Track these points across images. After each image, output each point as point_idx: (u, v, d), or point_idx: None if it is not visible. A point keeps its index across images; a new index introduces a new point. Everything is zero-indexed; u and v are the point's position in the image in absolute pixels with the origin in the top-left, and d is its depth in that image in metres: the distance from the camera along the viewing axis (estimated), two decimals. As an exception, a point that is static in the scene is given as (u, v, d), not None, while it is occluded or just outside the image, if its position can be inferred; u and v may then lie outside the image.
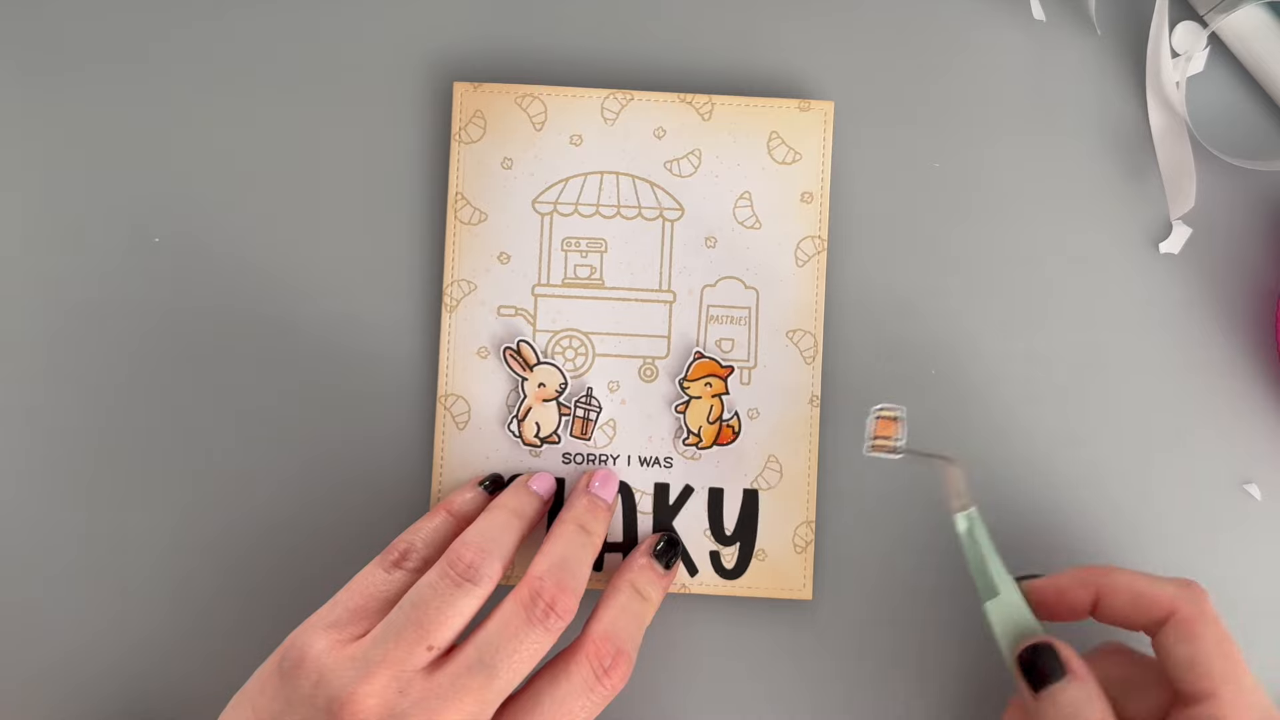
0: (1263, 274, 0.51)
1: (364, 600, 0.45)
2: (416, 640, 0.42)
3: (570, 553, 0.46)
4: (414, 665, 0.42)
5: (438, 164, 0.52)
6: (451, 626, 0.43)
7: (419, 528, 0.47)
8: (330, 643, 0.43)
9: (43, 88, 0.52)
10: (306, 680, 0.42)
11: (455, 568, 0.44)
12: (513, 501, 0.48)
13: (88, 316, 0.52)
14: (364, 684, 0.41)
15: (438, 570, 0.44)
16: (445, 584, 0.44)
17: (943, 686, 0.51)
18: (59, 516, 0.52)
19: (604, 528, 0.49)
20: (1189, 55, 0.50)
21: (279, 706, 0.42)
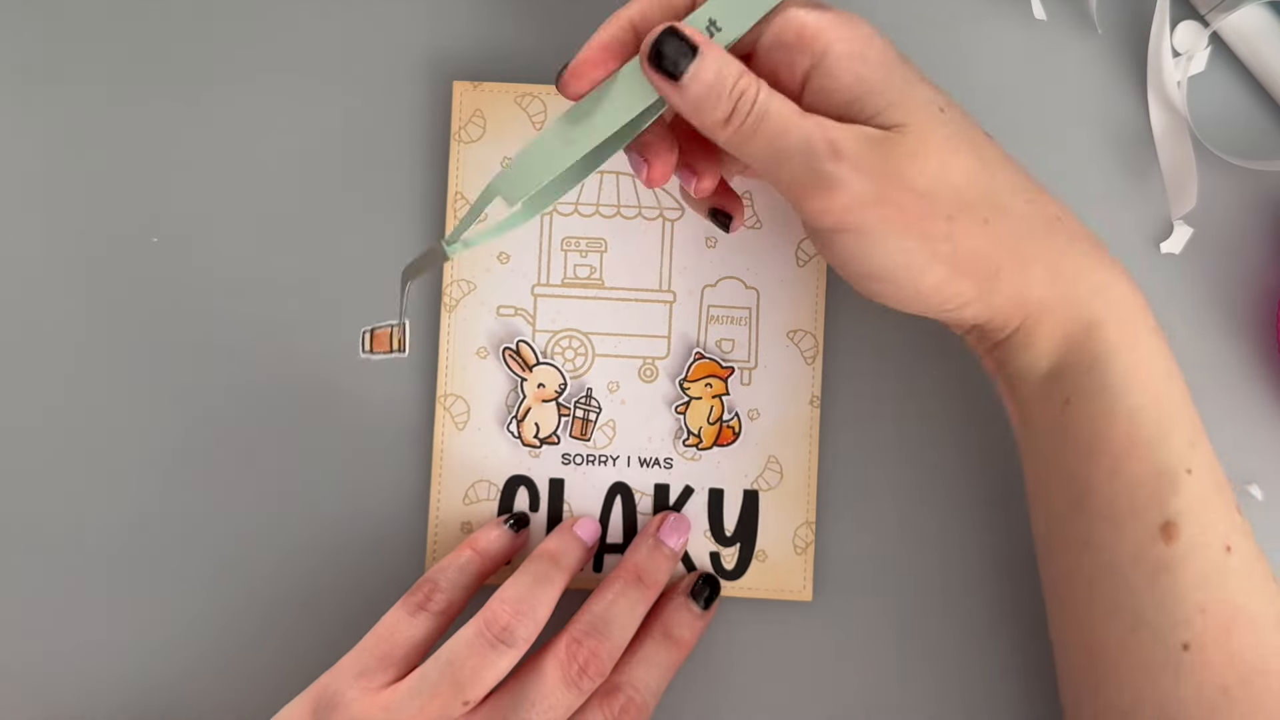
0: (1264, 274, 0.50)
1: (390, 647, 0.45)
2: (452, 697, 0.43)
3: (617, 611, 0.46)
4: (448, 716, 0.43)
5: (437, 163, 0.52)
6: (486, 684, 0.44)
7: (444, 566, 0.47)
8: (361, 690, 0.44)
9: (42, 88, 0.52)
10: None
11: (491, 629, 0.44)
12: (554, 547, 0.48)
13: (87, 316, 0.52)
14: None
15: (473, 628, 0.44)
16: (480, 643, 0.44)
17: (943, 687, 0.50)
18: (58, 517, 0.52)
19: (666, 577, 0.49)
20: (1190, 54, 0.50)
21: None
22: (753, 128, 0.40)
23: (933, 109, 0.41)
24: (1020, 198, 0.42)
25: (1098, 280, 0.42)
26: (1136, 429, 0.41)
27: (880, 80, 0.40)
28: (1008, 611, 0.50)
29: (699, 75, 0.40)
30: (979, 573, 0.50)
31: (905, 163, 0.40)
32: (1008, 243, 0.41)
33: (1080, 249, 0.42)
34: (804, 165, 0.40)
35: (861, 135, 0.40)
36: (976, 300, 0.42)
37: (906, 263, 0.41)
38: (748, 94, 0.40)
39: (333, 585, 0.51)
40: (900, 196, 0.40)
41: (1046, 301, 0.42)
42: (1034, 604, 0.50)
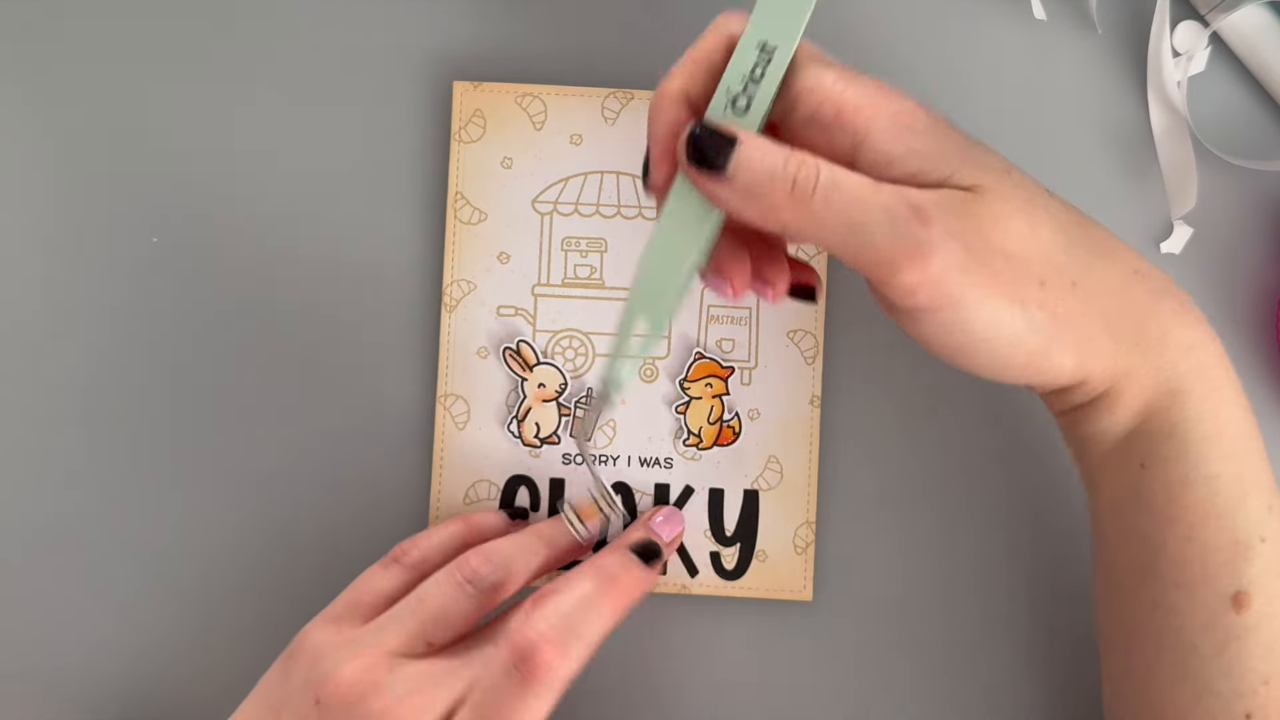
0: (1264, 274, 0.50)
1: (359, 595, 0.45)
2: (416, 634, 0.43)
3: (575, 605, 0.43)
4: (409, 653, 0.43)
5: (437, 164, 0.52)
6: (451, 627, 0.43)
7: (427, 533, 0.48)
8: (328, 632, 0.44)
9: (42, 88, 0.52)
10: (303, 663, 0.43)
11: (461, 570, 0.44)
12: (547, 530, 0.47)
13: (86, 316, 0.52)
14: (354, 660, 0.42)
15: (444, 571, 0.44)
16: (448, 584, 0.44)
17: (944, 688, 0.50)
18: (58, 517, 0.52)
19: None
20: (1190, 54, 0.50)
21: (277, 688, 0.43)
22: (824, 203, 0.37)
23: (1001, 173, 0.39)
24: (1098, 255, 0.40)
25: (1185, 342, 0.40)
26: (1213, 496, 0.40)
27: (937, 147, 0.38)
28: (1008, 611, 0.50)
29: (745, 162, 0.38)
30: (979, 572, 0.50)
31: (991, 225, 0.38)
32: (1097, 305, 0.39)
33: (1166, 306, 0.41)
34: (888, 235, 0.37)
35: (945, 197, 0.37)
36: (1074, 370, 0.40)
37: (1003, 334, 0.38)
38: (806, 168, 0.38)
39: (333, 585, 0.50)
40: (993, 261, 0.38)
41: (1135, 368, 0.40)
42: (1034, 603, 0.50)
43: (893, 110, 0.38)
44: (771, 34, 0.40)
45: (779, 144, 0.38)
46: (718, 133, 0.38)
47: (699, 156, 0.38)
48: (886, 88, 0.39)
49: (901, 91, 0.39)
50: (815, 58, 0.40)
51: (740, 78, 0.40)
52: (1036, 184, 0.41)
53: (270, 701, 0.43)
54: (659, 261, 0.40)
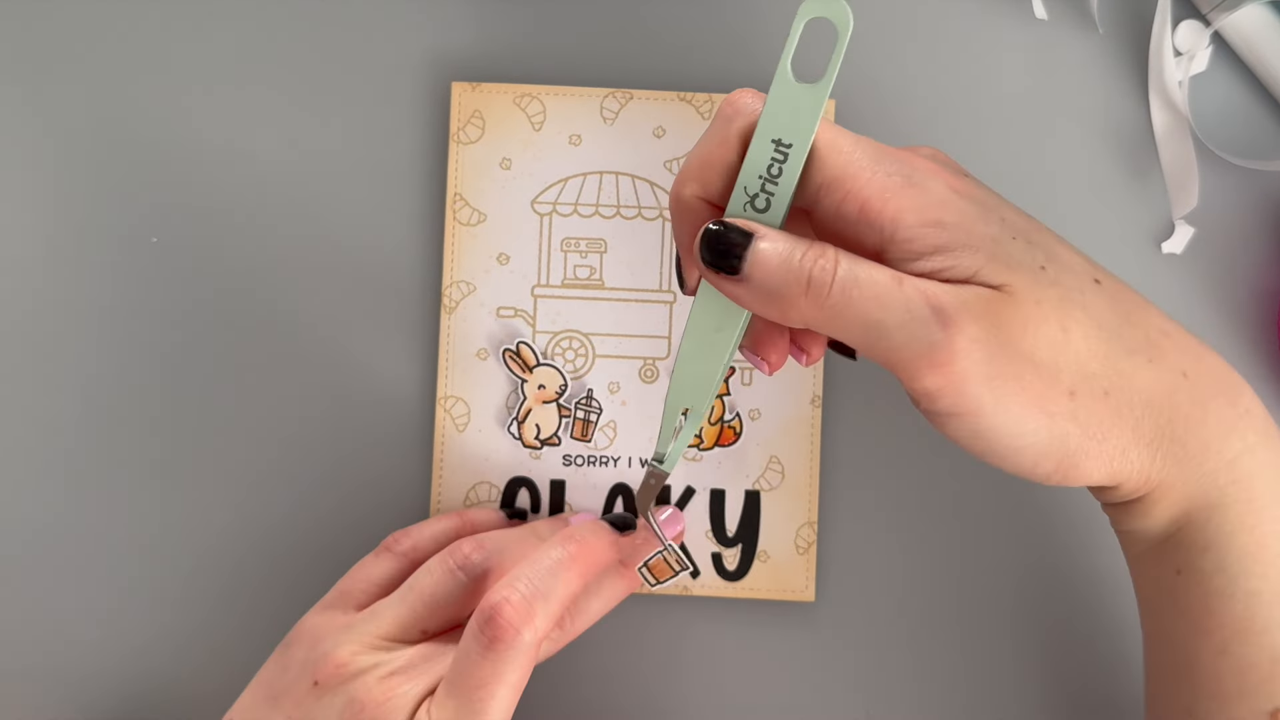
0: (1266, 274, 0.50)
1: (352, 583, 0.46)
2: (410, 622, 0.43)
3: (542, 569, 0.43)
4: (404, 639, 0.43)
5: (436, 164, 0.52)
6: (444, 614, 0.44)
7: (420, 524, 0.48)
8: (323, 619, 0.45)
9: (41, 88, 0.52)
10: (301, 647, 0.44)
11: (453, 556, 0.44)
12: (543, 528, 0.48)
13: (85, 316, 0.52)
14: (350, 644, 0.43)
15: (437, 558, 0.45)
16: (440, 571, 0.44)
17: (946, 688, 0.50)
18: (58, 516, 0.51)
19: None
20: (1191, 54, 0.50)
21: (276, 674, 0.44)
22: (842, 299, 0.36)
23: (1034, 268, 0.37)
24: (1141, 357, 0.38)
25: (1229, 453, 0.38)
26: (1252, 613, 0.38)
27: (967, 240, 0.36)
28: (1010, 610, 0.50)
29: (760, 263, 0.37)
30: (981, 572, 0.51)
31: (1019, 330, 0.36)
32: (1130, 417, 0.37)
33: (1212, 413, 0.38)
34: (908, 337, 0.35)
35: (970, 296, 0.36)
36: (1105, 478, 0.38)
37: (1028, 444, 0.37)
38: (823, 263, 0.36)
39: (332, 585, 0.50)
40: (1018, 369, 0.36)
41: (1171, 479, 0.38)
42: (1035, 603, 0.50)
43: (920, 204, 0.36)
44: (785, 130, 0.38)
45: (796, 239, 0.37)
46: (733, 231, 0.37)
47: (713, 258, 0.37)
48: (917, 173, 0.37)
49: (934, 168, 0.38)
50: (836, 147, 0.37)
51: (756, 177, 0.38)
52: (1083, 271, 0.38)
53: (269, 689, 0.44)
54: (695, 357, 0.40)
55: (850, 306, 0.36)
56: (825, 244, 0.37)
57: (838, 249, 0.37)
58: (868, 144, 0.38)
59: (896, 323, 0.35)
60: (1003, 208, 0.38)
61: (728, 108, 0.38)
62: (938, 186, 0.37)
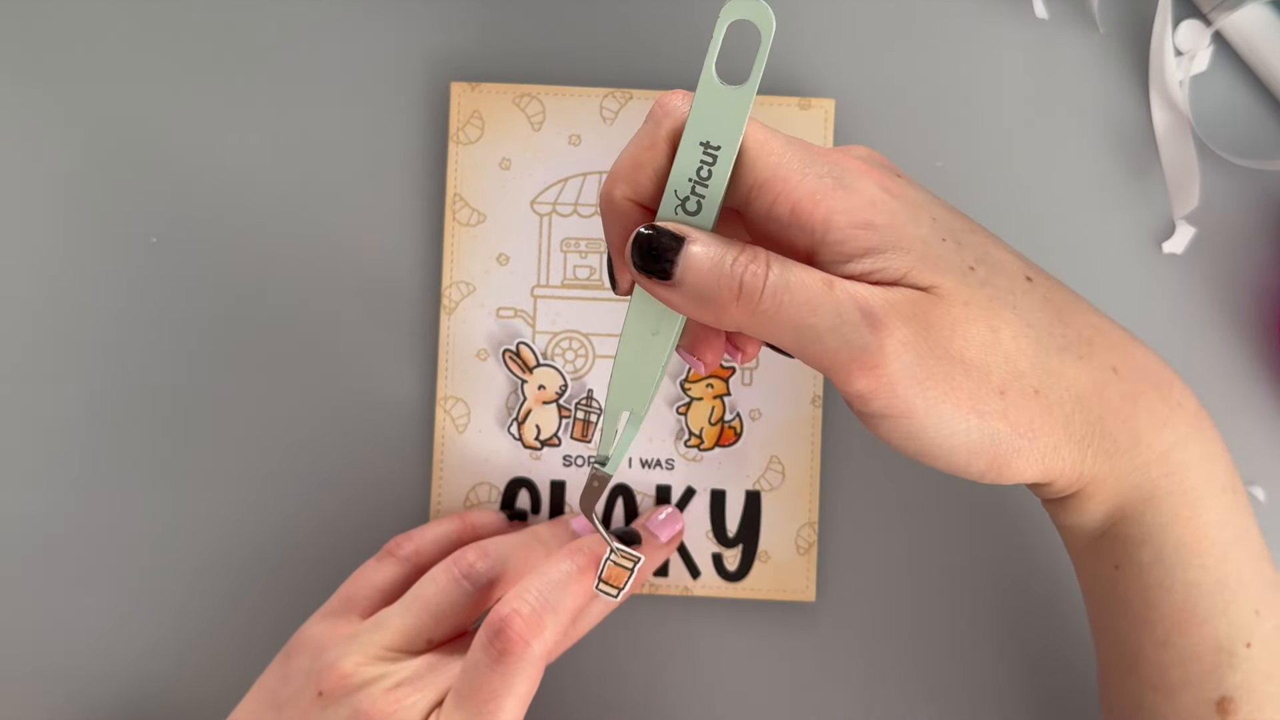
0: (1266, 273, 0.50)
1: (354, 589, 0.46)
2: (415, 632, 0.43)
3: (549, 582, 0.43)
4: (409, 649, 0.43)
5: (435, 165, 0.51)
6: (449, 624, 0.44)
7: (422, 529, 0.48)
8: (326, 627, 0.45)
9: (41, 89, 0.52)
10: (304, 657, 0.44)
11: (458, 564, 0.44)
12: (544, 532, 0.48)
13: (85, 316, 0.52)
14: (355, 654, 0.43)
15: (441, 566, 0.45)
16: (445, 580, 0.44)
17: (947, 688, 0.51)
18: (58, 518, 0.51)
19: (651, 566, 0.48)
20: (1192, 54, 0.50)
21: (279, 683, 0.44)
22: (773, 305, 0.36)
23: (963, 269, 0.37)
24: (1071, 354, 0.38)
25: (1161, 446, 0.39)
26: (1192, 603, 0.39)
27: (897, 245, 0.36)
28: (1011, 610, 0.51)
29: (691, 267, 0.37)
30: (982, 572, 0.51)
31: (948, 331, 0.36)
32: (1061, 413, 0.37)
33: (1143, 406, 0.38)
34: (839, 341, 0.36)
35: (899, 299, 0.36)
36: (1037, 475, 0.38)
37: (959, 444, 0.37)
38: (754, 268, 0.36)
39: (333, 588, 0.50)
40: (948, 370, 0.36)
41: (1102, 474, 0.38)
42: (1036, 603, 0.50)
43: (850, 206, 0.36)
44: (713, 133, 0.37)
45: (728, 243, 0.37)
46: (664, 235, 0.37)
47: (645, 262, 0.37)
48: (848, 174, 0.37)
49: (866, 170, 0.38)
50: (767, 148, 0.37)
51: (686, 180, 0.38)
52: (1015, 270, 0.38)
53: (273, 697, 0.44)
54: (632, 360, 0.40)
55: (781, 311, 0.36)
56: (757, 248, 0.37)
57: (770, 253, 0.37)
58: (799, 145, 0.38)
59: (827, 327, 0.36)
60: (934, 207, 0.38)
61: (658, 109, 0.38)
62: (868, 188, 0.37)
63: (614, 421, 0.41)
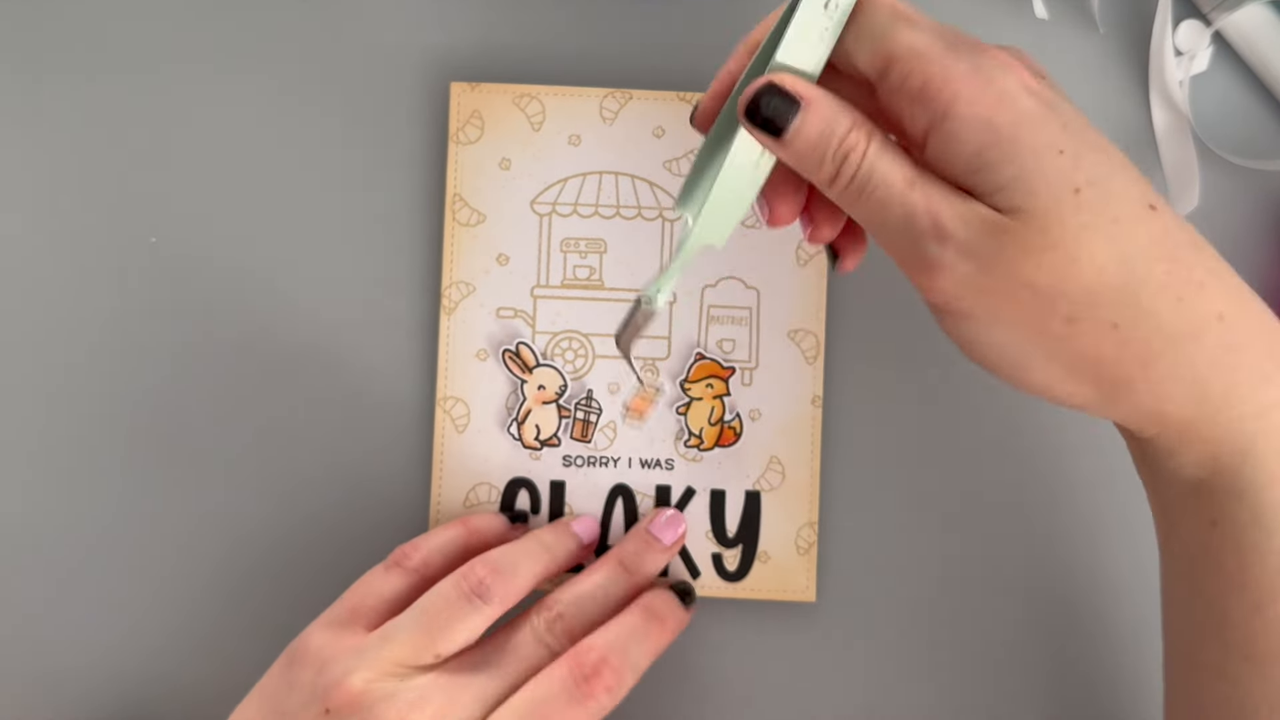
0: (1266, 273, 0.50)
1: (361, 599, 0.45)
2: (424, 647, 0.43)
3: (597, 590, 0.46)
4: (416, 664, 0.43)
5: (435, 165, 0.51)
6: (457, 639, 0.43)
7: (427, 535, 0.48)
8: (331, 637, 0.44)
9: (41, 89, 0.52)
10: (309, 669, 0.43)
11: (467, 580, 0.44)
12: (548, 537, 0.48)
13: (85, 317, 0.52)
14: (363, 670, 0.42)
15: (450, 581, 0.44)
16: (455, 596, 0.44)
17: (948, 688, 0.50)
18: (58, 517, 0.51)
19: (654, 570, 0.48)
20: (1192, 54, 0.50)
21: (281, 693, 0.43)
22: (855, 190, 0.37)
23: (1066, 190, 0.36)
24: (1169, 294, 0.36)
25: (1261, 401, 0.37)
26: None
27: (1006, 153, 0.36)
28: (1011, 610, 0.51)
29: (802, 132, 0.37)
30: (982, 572, 0.51)
31: (1022, 257, 0.36)
32: (1140, 352, 0.36)
33: (1245, 360, 0.37)
34: (906, 240, 0.37)
35: (974, 218, 0.36)
36: (1097, 405, 0.38)
37: (1015, 357, 0.37)
38: (853, 156, 0.37)
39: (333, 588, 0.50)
40: (1013, 289, 0.36)
41: (1189, 420, 0.37)
42: (1037, 603, 0.50)
43: (977, 95, 0.36)
44: None
45: (839, 112, 0.37)
46: (785, 94, 0.37)
47: (756, 116, 0.38)
48: (990, 65, 0.36)
49: (1012, 66, 0.37)
50: (913, 20, 0.37)
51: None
52: (1135, 199, 0.37)
53: (275, 707, 0.43)
54: (728, 192, 0.40)
55: (861, 197, 0.37)
56: (864, 126, 0.37)
57: (874, 133, 0.37)
58: (950, 31, 0.37)
59: (897, 226, 0.37)
60: (1069, 114, 0.37)
61: None
62: (1006, 81, 0.36)
63: (689, 256, 0.40)
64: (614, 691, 0.43)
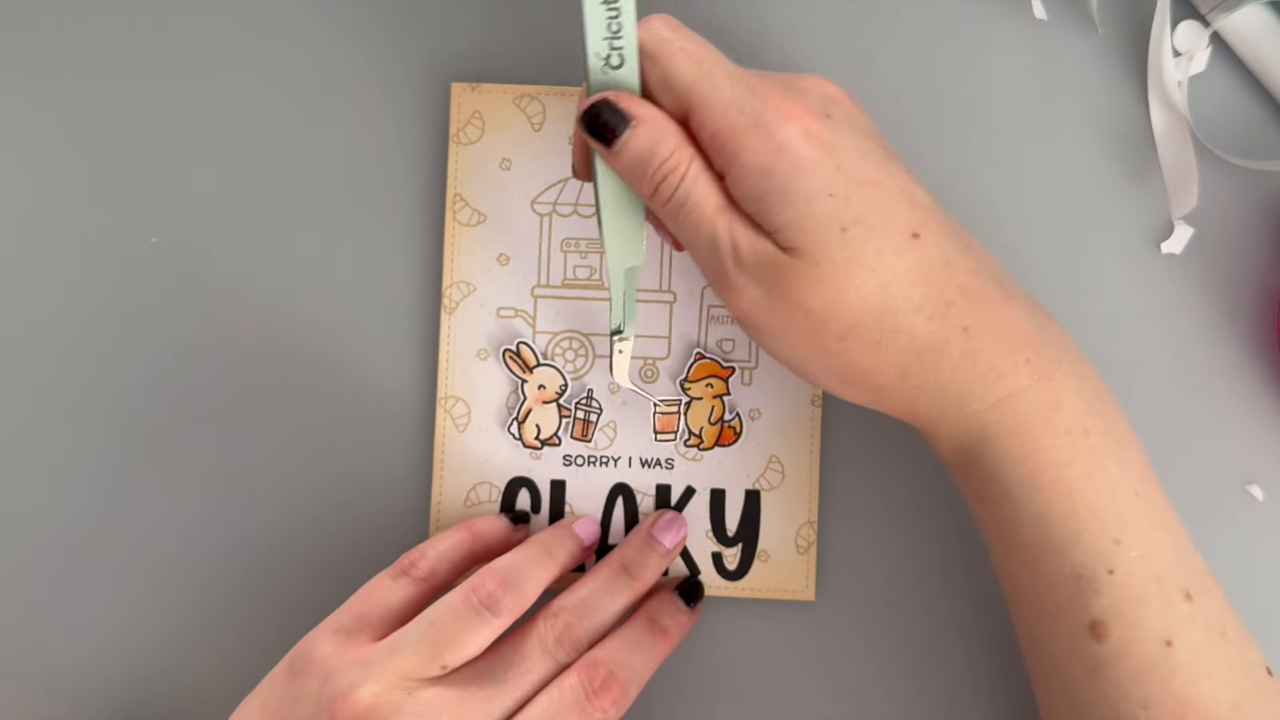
0: (1265, 274, 0.51)
1: (368, 607, 0.45)
2: (430, 658, 0.43)
3: (600, 596, 0.46)
4: (424, 676, 0.43)
5: (436, 165, 0.51)
6: (465, 650, 0.43)
7: (434, 540, 0.47)
8: (336, 646, 0.43)
9: (41, 88, 0.52)
10: (314, 679, 0.43)
11: (477, 594, 0.44)
12: (550, 540, 0.48)
13: (85, 316, 0.52)
14: (369, 684, 0.42)
15: (459, 593, 0.44)
16: (464, 608, 0.44)
17: (947, 687, 0.51)
18: (58, 517, 0.51)
19: (655, 574, 0.48)
20: (1191, 54, 0.50)
21: (285, 704, 0.43)
22: (673, 211, 0.42)
23: (834, 230, 0.40)
24: (922, 315, 0.41)
25: (993, 396, 0.42)
26: (1042, 534, 0.42)
27: (781, 199, 0.40)
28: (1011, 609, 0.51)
29: (629, 146, 0.42)
30: (982, 571, 0.51)
31: (797, 288, 0.41)
32: (896, 364, 0.42)
33: (981, 363, 0.42)
34: (711, 259, 0.42)
35: (763, 251, 0.41)
36: (871, 404, 0.44)
37: (801, 365, 0.43)
38: (671, 177, 0.42)
39: (333, 588, 0.50)
40: (794, 313, 0.41)
41: (937, 417, 0.43)
42: (1035, 602, 0.50)
43: (758, 146, 0.40)
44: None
45: (667, 133, 0.42)
46: (612, 110, 0.42)
47: (592, 126, 0.42)
48: (770, 116, 0.41)
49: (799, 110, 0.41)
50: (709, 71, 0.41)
51: (601, 40, 0.42)
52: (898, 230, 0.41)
53: (278, 714, 0.43)
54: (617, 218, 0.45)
55: (677, 216, 0.42)
56: (685, 152, 0.42)
57: (694, 160, 0.42)
58: (739, 78, 0.41)
59: (705, 247, 0.42)
60: (845, 155, 0.41)
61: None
62: (784, 132, 0.41)
63: (620, 281, 0.46)
64: (620, 704, 0.44)
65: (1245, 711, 0.41)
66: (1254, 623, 0.50)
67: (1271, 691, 0.42)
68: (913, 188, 0.42)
